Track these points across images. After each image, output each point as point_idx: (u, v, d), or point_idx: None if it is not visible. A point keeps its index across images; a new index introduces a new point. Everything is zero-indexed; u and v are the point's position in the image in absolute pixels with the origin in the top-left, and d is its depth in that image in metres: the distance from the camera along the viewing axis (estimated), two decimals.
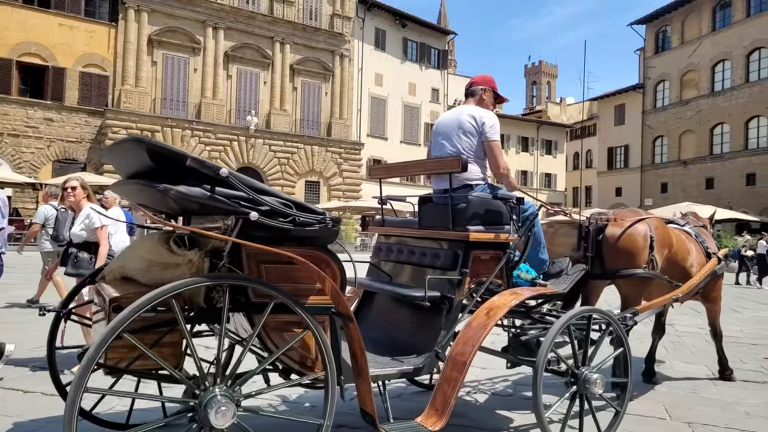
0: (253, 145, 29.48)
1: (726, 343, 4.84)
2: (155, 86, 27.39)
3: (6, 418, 3.18)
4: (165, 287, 1.95)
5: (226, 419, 1.97)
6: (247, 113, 29.35)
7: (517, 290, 2.97)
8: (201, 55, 28.32)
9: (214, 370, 2.13)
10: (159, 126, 27.01)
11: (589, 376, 2.90)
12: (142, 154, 2.00)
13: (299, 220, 2.21)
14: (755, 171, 30.84)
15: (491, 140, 3.18)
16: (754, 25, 31.25)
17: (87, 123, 26.02)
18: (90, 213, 4.40)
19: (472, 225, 2.94)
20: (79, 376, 1.81)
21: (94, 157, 26.12)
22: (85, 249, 4.49)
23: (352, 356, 2.37)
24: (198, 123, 27.97)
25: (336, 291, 2.28)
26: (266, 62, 30.18)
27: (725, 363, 4.68)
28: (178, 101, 27.95)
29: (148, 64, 27.10)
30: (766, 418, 3.58)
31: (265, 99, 30.29)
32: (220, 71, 28.85)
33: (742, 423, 3.46)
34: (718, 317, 4.75)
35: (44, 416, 3.22)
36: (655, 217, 4.13)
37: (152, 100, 27.27)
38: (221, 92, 28.92)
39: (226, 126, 28.81)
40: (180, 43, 27.81)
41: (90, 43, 25.87)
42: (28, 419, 3.18)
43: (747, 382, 4.54)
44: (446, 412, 2.51)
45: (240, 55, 29.41)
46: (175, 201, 1.99)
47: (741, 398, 4.03)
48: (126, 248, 2.77)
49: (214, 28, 28.54)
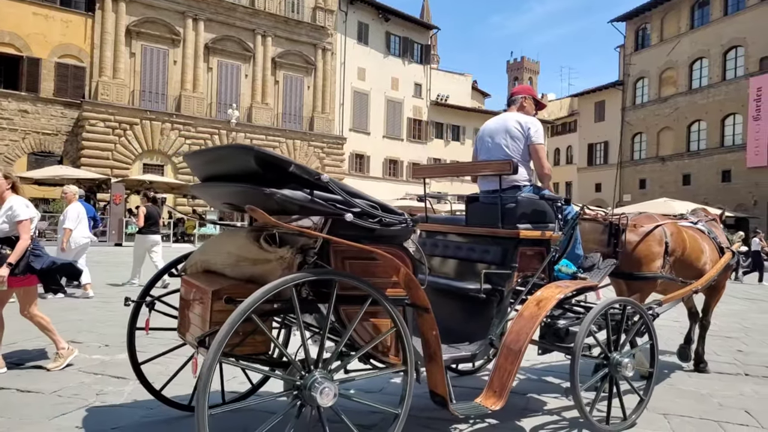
0: (234, 139, 29.14)
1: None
2: (134, 78, 26.89)
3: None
4: (286, 278, 2.14)
5: (329, 399, 2.19)
6: (228, 107, 29.01)
7: (562, 283, 3.23)
8: (181, 47, 27.87)
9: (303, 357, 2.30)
10: (138, 119, 26.55)
11: (621, 360, 3.15)
12: (248, 160, 2.19)
13: (385, 220, 2.43)
14: (730, 168, 31.49)
15: (537, 143, 3.46)
16: (731, 23, 31.82)
17: (63, 115, 25.47)
18: (13, 205, 4.06)
19: (521, 223, 3.17)
20: (211, 358, 1.98)
21: (71, 150, 25.59)
22: (7, 243, 4.04)
23: (425, 343, 2.57)
24: (178, 116, 27.56)
25: (415, 284, 2.47)
26: (247, 55, 29.84)
27: (702, 355, 4.77)
28: (157, 94, 27.49)
29: (126, 56, 26.58)
30: (739, 409, 3.67)
31: (247, 92, 29.96)
32: (201, 64, 28.44)
33: (716, 414, 3.53)
34: (714, 307, 4.93)
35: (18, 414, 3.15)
36: (671, 222, 4.40)
37: (131, 93, 26.77)
38: (201, 85, 28.52)
39: (207, 119, 28.44)
40: (159, 34, 27.33)
41: (66, 33, 25.27)
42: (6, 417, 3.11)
43: (721, 374, 4.64)
44: (504, 394, 2.75)
45: (221, 47, 29.03)
46: (278, 203, 2.16)
47: (715, 390, 4.11)
48: (207, 244, 2.93)
49: (194, 19, 28.10)
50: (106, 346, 4.75)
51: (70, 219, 7.58)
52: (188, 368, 2.72)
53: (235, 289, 2.29)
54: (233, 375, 3.64)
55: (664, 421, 3.35)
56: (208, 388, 1.98)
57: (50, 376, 3.85)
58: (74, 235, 7.61)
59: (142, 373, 3.04)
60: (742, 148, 30.92)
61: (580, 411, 2.95)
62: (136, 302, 2.98)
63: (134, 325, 3.02)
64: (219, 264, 2.62)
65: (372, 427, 2.87)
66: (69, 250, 7.56)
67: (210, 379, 1.99)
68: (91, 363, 4.20)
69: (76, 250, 7.71)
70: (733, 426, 3.33)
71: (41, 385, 3.60)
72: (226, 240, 2.72)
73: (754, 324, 7.67)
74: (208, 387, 1.98)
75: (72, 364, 4.12)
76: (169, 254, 6.43)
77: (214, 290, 2.29)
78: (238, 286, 2.34)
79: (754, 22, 30.45)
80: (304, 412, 2.23)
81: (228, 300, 2.20)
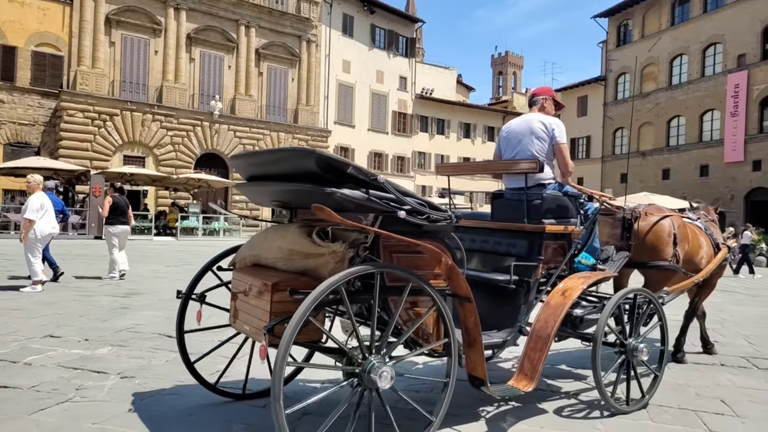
0: (217, 131, 28.85)
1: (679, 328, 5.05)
2: (113, 68, 26.40)
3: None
4: (351, 270, 2.30)
5: (388, 381, 2.35)
6: (211, 98, 28.67)
7: (583, 274, 3.47)
8: (162, 37, 27.43)
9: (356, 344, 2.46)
10: (118, 109, 26.10)
11: (637, 345, 3.39)
12: (308, 162, 2.34)
13: (432, 217, 2.59)
14: (708, 163, 32.07)
15: (561, 143, 3.67)
16: (711, 20, 32.30)
17: (40, 105, 24.93)
18: None
19: (546, 219, 3.39)
20: (286, 344, 2.11)
21: (49, 141, 25.08)
22: None
23: (466, 330, 2.76)
24: (159, 107, 27.15)
25: (459, 275, 2.64)
26: (231, 46, 29.48)
27: (682, 344, 4.92)
28: (138, 84, 27.04)
29: (106, 45, 26.08)
30: (715, 398, 3.75)
31: (230, 84, 29.63)
32: (183, 54, 28.02)
33: (693, 404, 3.61)
34: (702, 302, 5.17)
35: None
36: (677, 215, 4.62)
37: (110, 83, 26.29)
38: (183, 76, 28.11)
39: (189, 111, 28.08)
40: (140, 23, 26.85)
41: (43, 21, 24.69)
42: None
43: (698, 365, 4.74)
44: (536, 376, 2.95)
45: (203, 37, 28.63)
46: (337, 201, 2.31)
47: (692, 380, 4.21)
48: (254, 240, 3.05)
49: (176, 8, 27.65)
50: (86, 341, 4.68)
51: (32, 209, 7.35)
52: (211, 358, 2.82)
53: (293, 282, 2.47)
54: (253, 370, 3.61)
55: (642, 411, 3.42)
56: (283, 373, 2.14)
57: (28, 371, 3.78)
58: (39, 225, 7.42)
59: (193, 366, 3.18)
60: (719, 143, 31.50)
61: (601, 394, 3.20)
62: (185, 296, 3.12)
63: (183, 320, 3.16)
64: (270, 258, 2.77)
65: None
66: (30, 241, 7.37)
67: (285, 364, 2.13)
68: (71, 357, 4.14)
69: (39, 241, 7.51)
70: (709, 415, 3.41)
71: (18, 381, 3.53)
72: (274, 236, 2.85)
73: (731, 316, 7.84)
74: (283, 372, 2.14)
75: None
76: (151, 247, 6.36)
77: (274, 283, 2.44)
78: (295, 279, 2.52)
79: (732, 19, 30.96)
80: (364, 397, 2.40)
81: (293, 291, 2.39)
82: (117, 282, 8.63)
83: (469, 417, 3.18)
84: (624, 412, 3.30)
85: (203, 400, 3.26)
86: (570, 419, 3.27)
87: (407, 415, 2.91)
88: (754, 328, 6.85)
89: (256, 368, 3.34)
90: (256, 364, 3.24)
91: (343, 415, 2.28)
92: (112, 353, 4.30)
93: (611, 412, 3.29)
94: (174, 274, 10.21)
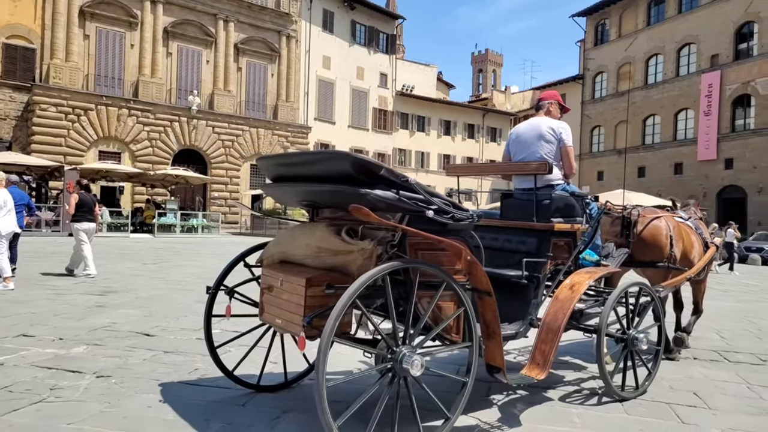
0: (195, 127, 28.46)
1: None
2: (88, 61, 25.84)
3: None
4: (385, 266, 2.42)
5: (419, 369, 2.49)
6: (188, 93, 28.27)
7: (590, 270, 3.68)
8: (138, 30, 26.94)
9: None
10: (93, 104, 25.57)
11: (637, 335, 3.61)
12: (343, 164, 2.47)
13: (456, 216, 2.73)
14: (682, 161, 32.78)
15: (568, 146, 3.88)
16: (685, 21, 32.97)
17: (12, 99, 24.29)
18: None
19: (554, 218, 3.58)
20: (328, 335, 2.22)
21: (21, 136, 24.46)
22: None
23: (485, 322, 2.88)
24: (135, 102, 26.68)
25: (480, 271, 2.76)
26: (209, 40, 29.10)
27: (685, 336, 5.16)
28: (113, 78, 26.52)
29: (80, 38, 25.51)
30: (688, 391, 3.85)
31: (208, 79, 29.25)
32: (160, 48, 27.56)
33: (666, 396, 3.70)
34: (702, 296, 5.55)
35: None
36: (670, 216, 4.91)
37: (84, 77, 25.73)
38: (160, 70, 27.65)
39: (166, 106, 27.64)
40: (115, 16, 26.32)
41: (14, 13, 24.03)
42: None
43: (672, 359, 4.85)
44: (547, 365, 3.10)
45: (181, 31, 28.20)
46: (371, 202, 2.42)
47: (666, 373, 4.29)
48: (281, 237, 3.13)
49: (153, 2, 27.18)
50: (61, 340, 4.59)
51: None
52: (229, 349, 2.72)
53: (325, 278, 2.59)
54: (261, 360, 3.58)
55: (617, 403, 3.49)
56: (326, 362, 2.25)
57: (0, 371, 3.69)
58: (3, 220, 7.25)
59: (217, 355, 3.31)
60: (693, 142, 32.21)
61: (604, 380, 3.42)
62: (214, 290, 3.26)
63: (211, 312, 3.27)
64: (299, 255, 2.88)
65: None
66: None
67: (327, 354, 2.25)
68: (45, 357, 4.05)
69: (4, 238, 7.34)
70: (682, 407, 3.49)
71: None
72: (301, 234, 2.96)
73: (704, 310, 8.01)
74: (326, 361, 2.24)
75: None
76: (127, 244, 6.24)
77: (308, 278, 2.57)
78: (326, 275, 2.63)
79: (706, 20, 31.64)
80: (394, 384, 2.51)
81: (329, 286, 2.52)
82: (92, 280, 8.46)
83: (482, 404, 3.36)
84: (625, 399, 3.53)
85: (181, 399, 3.23)
86: (549, 409, 3.34)
87: (422, 405, 2.96)
88: (724, 322, 7.03)
89: (269, 363, 3.50)
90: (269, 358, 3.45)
91: (365, 404, 2.37)
92: (88, 352, 4.22)
93: (614, 398, 3.51)
94: (151, 272, 10.05)
